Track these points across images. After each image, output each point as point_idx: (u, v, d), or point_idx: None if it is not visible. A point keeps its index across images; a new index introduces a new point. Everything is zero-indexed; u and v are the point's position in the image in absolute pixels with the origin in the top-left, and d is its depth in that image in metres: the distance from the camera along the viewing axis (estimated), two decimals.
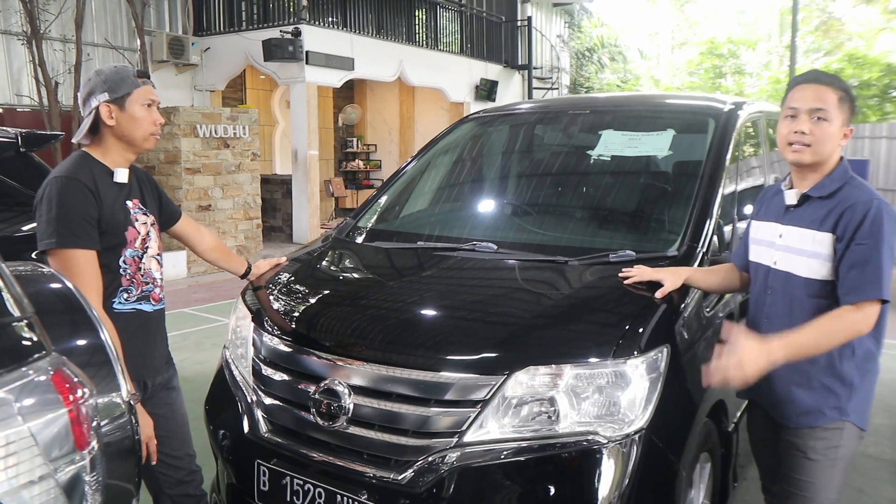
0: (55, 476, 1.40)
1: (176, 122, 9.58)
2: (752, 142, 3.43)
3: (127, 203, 2.28)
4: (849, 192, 2.10)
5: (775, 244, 2.23)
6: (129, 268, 2.26)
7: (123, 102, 2.19)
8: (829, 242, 2.07)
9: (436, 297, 2.53)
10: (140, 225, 2.30)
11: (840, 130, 2.12)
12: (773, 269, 2.23)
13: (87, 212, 2.13)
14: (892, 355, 5.90)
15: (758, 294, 2.30)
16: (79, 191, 2.13)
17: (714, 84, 24.27)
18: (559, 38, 20.75)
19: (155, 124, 2.27)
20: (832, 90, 2.11)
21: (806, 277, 2.12)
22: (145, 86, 2.24)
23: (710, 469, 2.57)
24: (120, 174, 2.26)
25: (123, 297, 2.26)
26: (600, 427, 2.03)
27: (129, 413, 1.82)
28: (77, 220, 2.11)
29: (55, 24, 10.37)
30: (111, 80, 2.20)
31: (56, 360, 1.52)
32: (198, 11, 13.11)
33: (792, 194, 2.20)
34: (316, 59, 11.89)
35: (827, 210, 2.10)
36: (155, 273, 2.36)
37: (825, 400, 2.14)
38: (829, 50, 26.10)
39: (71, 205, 2.11)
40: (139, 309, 2.30)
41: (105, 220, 2.18)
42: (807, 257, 2.12)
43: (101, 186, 2.19)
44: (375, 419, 2.15)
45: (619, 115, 3.47)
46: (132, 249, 2.27)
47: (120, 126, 2.21)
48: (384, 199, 3.45)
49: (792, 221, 2.19)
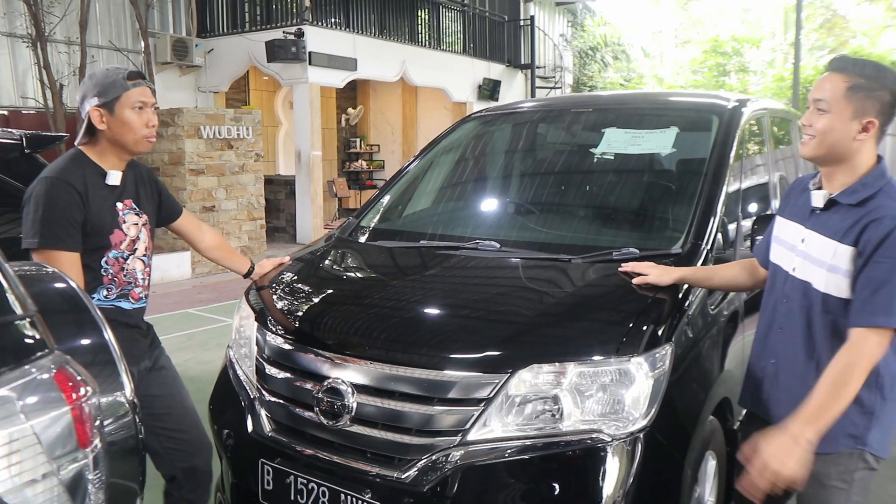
0: (58, 474, 1.40)
1: (180, 124, 9.60)
2: (757, 139, 3.42)
3: (117, 204, 2.29)
4: (880, 203, 1.85)
5: (797, 248, 2.02)
6: (112, 268, 2.28)
7: (113, 106, 2.19)
8: (850, 257, 1.85)
9: (439, 296, 2.53)
10: (129, 227, 2.31)
11: (849, 123, 1.86)
12: (790, 276, 2.03)
13: (72, 215, 2.14)
14: None
15: (774, 300, 2.10)
16: (66, 193, 2.14)
17: (718, 82, 24.20)
18: (562, 37, 20.74)
19: (147, 126, 2.25)
20: (844, 77, 1.87)
21: (824, 292, 1.92)
22: (137, 87, 2.22)
23: (715, 467, 2.56)
24: (112, 177, 2.27)
25: (102, 295, 2.28)
26: (604, 425, 2.02)
27: (133, 412, 1.83)
28: (61, 223, 2.12)
29: (60, 27, 10.41)
30: (101, 84, 2.20)
31: (59, 358, 1.52)
32: (201, 13, 13.13)
33: (819, 196, 1.97)
34: (319, 60, 11.91)
35: (854, 220, 1.87)
36: (139, 273, 2.37)
37: (840, 427, 1.88)
38: (833, 47, 26.02)
39: (57, 207, 2.12)
40: (118, 306, 2.32)
41: (90, 223, 2.19)
42: (826, 270, 1.91)
43: (90, 188, 2.20)
44: (379, 418, 2.14)
45: (622, 113, 3.46)
46: (116, 251, 2.28)
47: (111, 130, 2.22)
48: (387, 199, 3.45)
49: (815, 227, 1.97)
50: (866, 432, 1.93)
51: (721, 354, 2.54)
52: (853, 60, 1.92)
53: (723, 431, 2.59)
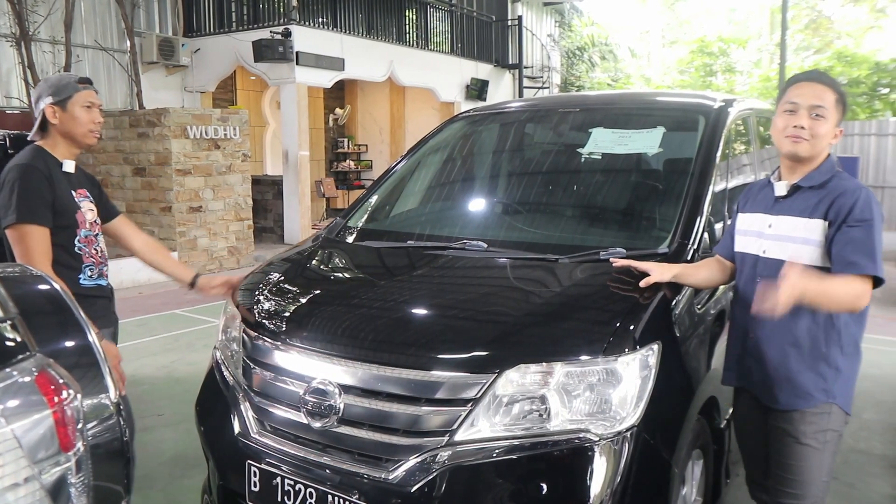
0: (40, 479, 1.38)
1: (166, 124, 9.54)
2: (743, 139, 3.43)
3: (73, 192, 2.61)
4: (838, 183, 2.20)
5: (764, 234, 2.30)
6: (86, 247, 2.60)
7: (65, 104, 2.56)
8: (821, 229, 2.16)
9: (426, 296, 2.52)
10: (86, 212, 2.63)
11: (833, 130, 2.21)
12: (761, 258, 2.29)
13: (43, 194, 2.46)
14: (881, 350, 5.94)
15: (745, 283, 2.36)
16: (36, 176, 2.48)
17: (705, 82, 24.33)
18: (550, 38, 20.78)
19: (93, 122, 2.61)
20: (830, 91, 2.20)
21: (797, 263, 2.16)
22: (86, 90, 2.59)
23: (702, 466, 2.57)
24: (67, 165, 2.62)
25: (87, 275, 2.62)
26: (592, 425, 2.02)
27: (118, 414, 1.81)
28: (35, 200, 2.45)
29: (44, 26, 10.31)
30: (55, 86, 2.57)
31: (41, 361, 1.50)
32: (188, 12, 13.05)
33: (782, 185, 2.28)
34: (306, 60, 11.87)
35: (818, 198, 2.19)
36: (106, 253, 2.73)
37: (813, 382, 2.22)
38: (818, 48, 26.22)
39: (30, 188, 2.45)
40: (100, 284, 2.68)
41: (58, 201, 2.51)
42: (798, 244, 2.20)
43: (54, 174, 2.54)
44: (366, 418, 2.14)
45: (609, 113, 3.46)
46: (85, 230, 2.59)
47: (63, 124, 2.57)
48: (374, 199, 3.44)
49: (782, 211, 2.27)
50: (833, 385, 2.23)
51: (708, 353, 2.55)
52: (829, 77, 2.28)
53: (710, 430, 2.60)
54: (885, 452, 3.96)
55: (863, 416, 4.42)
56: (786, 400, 2.26)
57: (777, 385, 2.27)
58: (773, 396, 2.29)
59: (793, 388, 2.24)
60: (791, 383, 2.24)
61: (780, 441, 2.29)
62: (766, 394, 2.31)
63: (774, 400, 2.29)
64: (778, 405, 2.28)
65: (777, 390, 2.27)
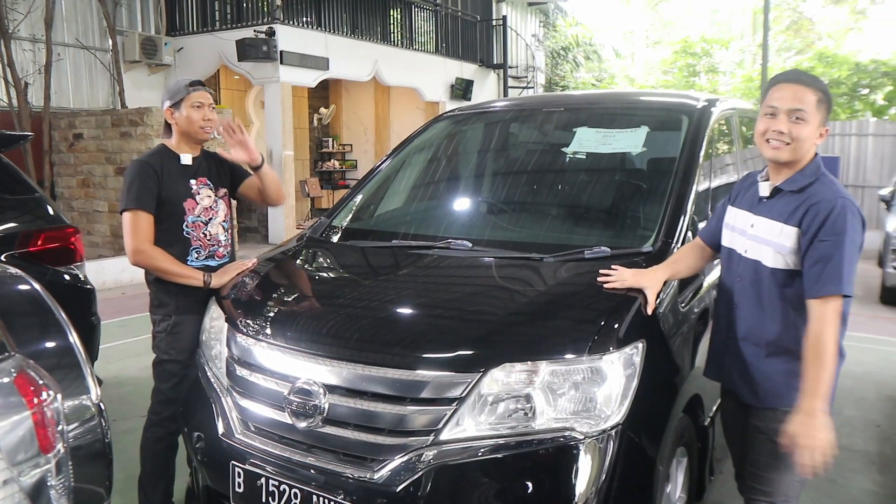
0: (19, 481, 1.36)
1: (149, 123, 9.47)
2: (726, 139, 3.46)
3: (191, 181, 2.91)
4: (816, 189, 2.15)
5: (747, 233, 2.29)
6: (194, 231, 2.89)
7: (179, 106, 2.88)
8: (795, 236, 2.13)
9: (411, 296, 2.52)
10: (203, 198, 2.93)
11: (817, 130, 2.16)
12: (743, 258, 2.29)
13: (148, 185, 2.80)
14: (863, 348, 6.00)
15: (729, 280, 2.36)
16: (146, 170, 2.82)
17: (688, 82, 24.46)
18: (534, 38, 20.81)
19: (204, 119, 2.91)
20: (812, 91, 2.14)
21: (772, 267, 2.18)
22: (196, 91, 2.90)
23: (686, 463, 2.58)
24: (185, 158, 2.93)
25: (194, 256, 2.89)
26: (577, 423, 2.02)
27: (99, 415, 1.79)
28: (140, 190, 2.79)
29: (24, 24, 10.19)
30: (170, 91, 2.91)
31: (19, 362, 1.48)
32: (170, 11, 12.94)
33: (765, 186, 2.26)
34: (290, 59, 11.81)
35: (796, 204, 2.16)
36: (220, 237, 2.99)
37: (789, 381, 2.17)
38: (800, 49, 26.46)
39: (138, 180, 2.80)
40: (207, 265, 2.92)
41: (164, 193, 2.83)
42: (774, 249, 2.18)
43: (165, 168, 2.87)
44: (351, 418, 2.13)
45: (593, 113, 3.47)
46: (193, 216, 2.89)
47: (178, 123, 2.91)
48: (359, 198, 3.43)
49: (762, 212, 2.25)
50: None
51: (692, 351, 2.56)
52: (810, 76, 2.21)
53: (694, 428, 2.61)
54: (866, 449, 4.00)
55: (844, 413, 4.47)
56: (761, 398, 2.26)
57: (753, 383, 2.27)
58: (749, 394, 2.30)
59: (768, 386, 2.24)
60: (767, 381, 2.24)
61: (754, 438, 2.29)
62: (744, 391, 2.32)
63: (749, 397, 2.30)
64: (753, 402, 2.29)
65: (753, 388, 2.28)
